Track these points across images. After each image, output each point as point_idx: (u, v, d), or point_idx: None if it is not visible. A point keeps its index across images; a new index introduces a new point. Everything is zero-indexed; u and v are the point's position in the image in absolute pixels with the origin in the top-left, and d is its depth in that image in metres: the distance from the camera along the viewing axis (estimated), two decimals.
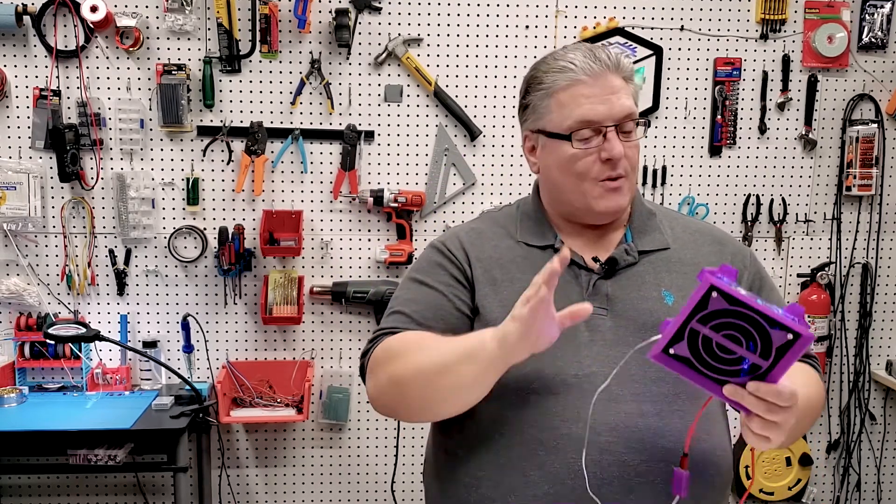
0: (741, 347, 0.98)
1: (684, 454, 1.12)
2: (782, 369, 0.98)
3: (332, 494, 2.86)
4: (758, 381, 0.98)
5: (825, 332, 2.85)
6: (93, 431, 2.32)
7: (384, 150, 2.71)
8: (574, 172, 1.26)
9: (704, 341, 0.99)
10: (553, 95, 1.26)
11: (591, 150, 1.24)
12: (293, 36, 2.64)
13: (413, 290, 1.32)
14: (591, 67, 1.24)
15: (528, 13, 2.70)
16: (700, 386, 1.02)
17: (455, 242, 1.35)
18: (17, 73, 2.58)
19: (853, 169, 2.81)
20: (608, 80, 1.24)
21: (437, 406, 1.19)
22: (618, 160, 1.24)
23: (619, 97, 1.24)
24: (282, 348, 2.76)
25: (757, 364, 0.98)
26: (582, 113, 1.23)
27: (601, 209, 1.27)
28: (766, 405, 0.99)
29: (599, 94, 1.23)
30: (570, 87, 1.24)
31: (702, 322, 0.98)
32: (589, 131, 1.24)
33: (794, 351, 0.96)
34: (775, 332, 0.96)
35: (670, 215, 1.41)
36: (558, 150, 1.27)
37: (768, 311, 0.95)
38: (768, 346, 0.96)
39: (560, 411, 1.19)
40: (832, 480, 3.02)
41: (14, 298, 2.63)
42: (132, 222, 2.63)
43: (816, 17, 2.76)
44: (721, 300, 0.96)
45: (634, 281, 1.28)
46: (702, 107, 2.79)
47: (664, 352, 1.02)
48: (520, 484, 1.19)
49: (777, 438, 1.02)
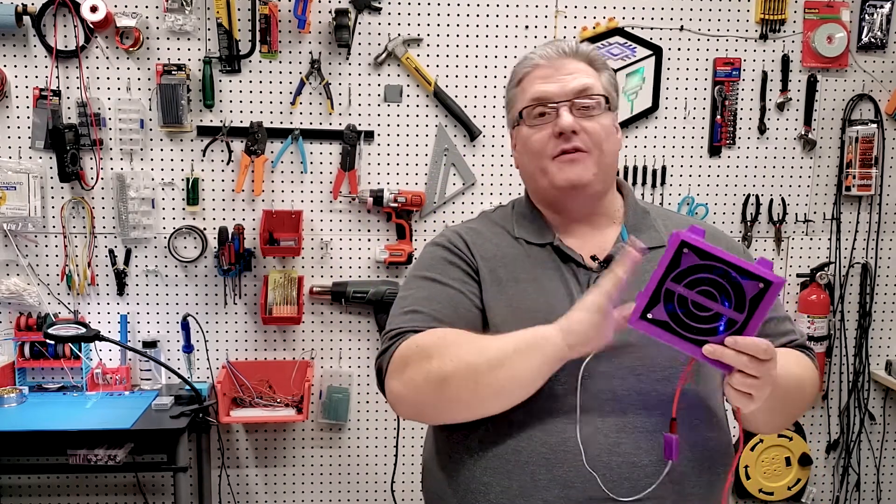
0: (716, 303, 1.00)
1: (672, 418, 1.12)
2: (758, 321, 1.00)
3: (332, 494, 2.86)
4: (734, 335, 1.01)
5: (825, 332, 2.85)
6: (93, 431, 2.31)
7: (384, 150, 2.71)
8: (532, 151, 1.30)
9: (681, 301, 1.01)
10: (518, 84, 1.34)
11: (543, 128, 1.28)
12: (293, 36, 2.64)
13: (427, 287, 1.29)
14: (547, 53, 1.32)
15: (528, 13, 2.70)
16: (681, 349, 1.04)
17: (458, 239, 1.35)
18: (17, 73, 2.58)
19: (853, 169, 2.81)
20: (564, 64, 1.30)
21: (488, 402, 1.16)
22: (569, 133, 1.26)
23: (575, 77, 1.29)
24: (282, 348, 2.76)
25: (733, 319, 1.00)
26: (533, 91, 1.30)
27: (560, 182, 1.28)
28: (746, 358, 1.01)
29: (553, 75, 1.29)
30: (530, 73, 1.32)
31: (675, 281, 1.00)
32: (542, 108, 1.28)
33: (766, 300, 0.99)
34: (747, 282, 0.98)
35: (663, 213, 1.42)
36: (521, 135, 1.33)
37: (738, 261, 0.98)
38: (742, 298, 0.99)
39: (566, 412, 1.18)
40: (832, 480, 3.02)
41: (14, 298, 2.63)
42: (132, 222, 2.63)
43: (816, 17, 2.76)
44: (692, 255, 0.98)
45: (633, 278, 1.28)
46: (701, 107, 2.79)
47: (642, 317, 1.03)
48: (529, 488, 1.18)
49: (760, 395, 1.05)
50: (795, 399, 1.25)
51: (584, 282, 1.27)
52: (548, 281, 1.28)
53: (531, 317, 1.21)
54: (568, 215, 1.34)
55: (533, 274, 1.29)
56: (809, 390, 1.30)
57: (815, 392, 1.34)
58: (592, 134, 1.28)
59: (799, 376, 1.25)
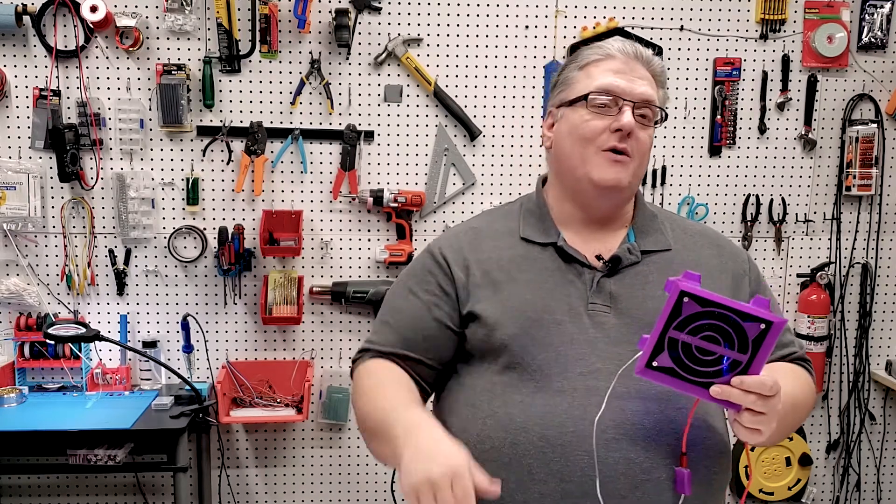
0: (719, 346, 1.02)
1: (683, 453, 1.15)
2: (761, 360, 1.02)
3: (332, 494, 2.86)
4: (740, 375, 1.03)
5: (825, 332, 2.85)
6: (93, 431, 2.32)
7: (384, 150, 2.71)
8: (582, 136, 1.29)
9: (684, 348, 1.03)
10: (584, 68, 1.32)
11: (602, 118, 1.28)
12: (293, 36, 2.64)
13: (401, 298, 1.37)
14: (624, 49, 1.31)
15: (528, 13, 2.70)
16: (688, 393, 1.06)
17: (450, 248, 1.36)
18: (17, 73, 2.58)
19: (853, 169, 2.81)
20: (637, 67, 1.31)
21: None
22: (627, 132, 1.26)
23: (644, 83, 1.30)
24: (281, 348, 2.76)
25: (737, 360, 1.02)
26: (606, 81, 1.29)
27: (598, 178, 1.28)
28: (753, 397, 1.04)
29: (626, 73, 1.30)
30: (602, 62, 1.31)
31: (678, 329, 1.02)
32: (606, 99, 1.28)
33: (768, 340, 1.01)
34: (748, 324, 1.00)
35: (670, 217, 1.42)
36: (573, 116, 1.32)
37: (739, 305, 1.00)
38: (744, 339, 1.01)
39: (566, 409, 1.19)
40: (832, 480, 3.02)
41: (14, 298, 2.63)
42: (132, 222, 2.63)
43: (816, 17, 2.76)
44: (693, 304, 1.01)
45: (638, 280, 1.28)
46: (701, 107, 2.79)
47: (647, 366, 1.05)
48: (526, 481, 1.19)
49: (768, 429, 1.07)
50: (791, 419, 1.27)
51: (588, 281, 1.28)
52: (545, 281, 1.28)
53: (525, 317, 1.24)
54: (587, 211, 1.34)
55: (530, 274, 1.29)
56: (806, 405, 1.32)
57: (812, 405, 1.36)
58: (642, 142, 1.29)
59: (796, 396, 1.26)
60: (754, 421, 1.06)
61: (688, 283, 1.02)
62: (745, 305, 1.01)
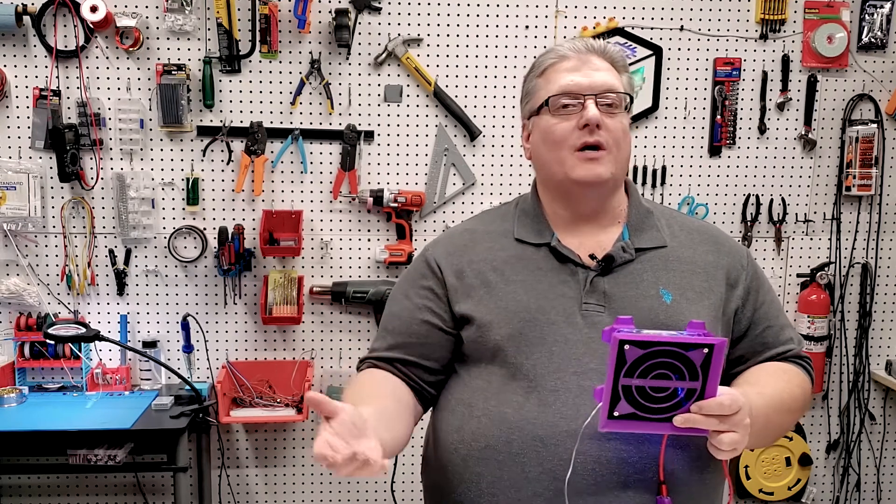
0: (671, 381, 1.05)
1: (661, 482, 1.16)
2: (714, 382, 1.05)
3: (331, 494, 2.86)
4: (698, 402, 1.05)
5: (825, 333, 2.85)
6: (93, 431, 2.32)
7: (384, 150, 2.71)
8: (553, 141, 1.30)
9: (639, 390, 1.05)
10: (542, 74, 1.34)
11: (567, 118, 1.28)
12: (293, 36, 2.64)
13: (397, 303, 1.40)
14: (576, 46, 1.33)
15: (528, 13, 2.70)
16: (654, 432, 1.08)
17: (444, 254, 1.37)
18: (17, 73, 2.58)
19: (853, 169, 2.81)
20: (592, 59, 1.31)
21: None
22: (595, 124, 1.26)
23: (602, 74, 1.30)
24: (281, 348, 2.76)
25: (692, 388, 1.05)
26: (563, 82, 1.30)
27: (577, 177, 1.28)
28: (716, 419, 1.05)
29: (581, 69, 1.30)
30: (556, 64, 1.33)
31: (628, 375, 1.04)
32: (567, 99, 1.28)
33: (715, 361, 1.03)
34: (692, 353, 1.03)
35: (668, 213, 1.41)
36: (542, 124, 1.33)
37: (676, 338, 1.03)
38: (692, 367, 1.04)
39: (559, 408, 1.20)
40: (832, 480, 3.02)
41: (14, 298, 2.63)
42: (132, 222, 2.63)
43: (816, 17, 2.76)
44: (635, 349, 1.03)
45: (632, 279, 1.28)
46: (701, 107, 2.79)
47: (610, 417, 1.07)
48: (520, 480, 1.20)
49: (743, 439, 1.08)
50: (779, 419, 1.27)
51: (582, 281, 1.28)
52: (539, 282, 1.29)
53: (519, 317, 1.25)
54: (576, 210, 1.34)
55: (524, 275, 1.30)
56: (797, 403, 1.31)
57: (806, 405, 1.35)
58: (613, 131, 1.28)
59: (782, 396, 1.26)
60: (726, 442, 1.07)
61: (624, 330, 1.04)
62: (682, 336, 1.03)
